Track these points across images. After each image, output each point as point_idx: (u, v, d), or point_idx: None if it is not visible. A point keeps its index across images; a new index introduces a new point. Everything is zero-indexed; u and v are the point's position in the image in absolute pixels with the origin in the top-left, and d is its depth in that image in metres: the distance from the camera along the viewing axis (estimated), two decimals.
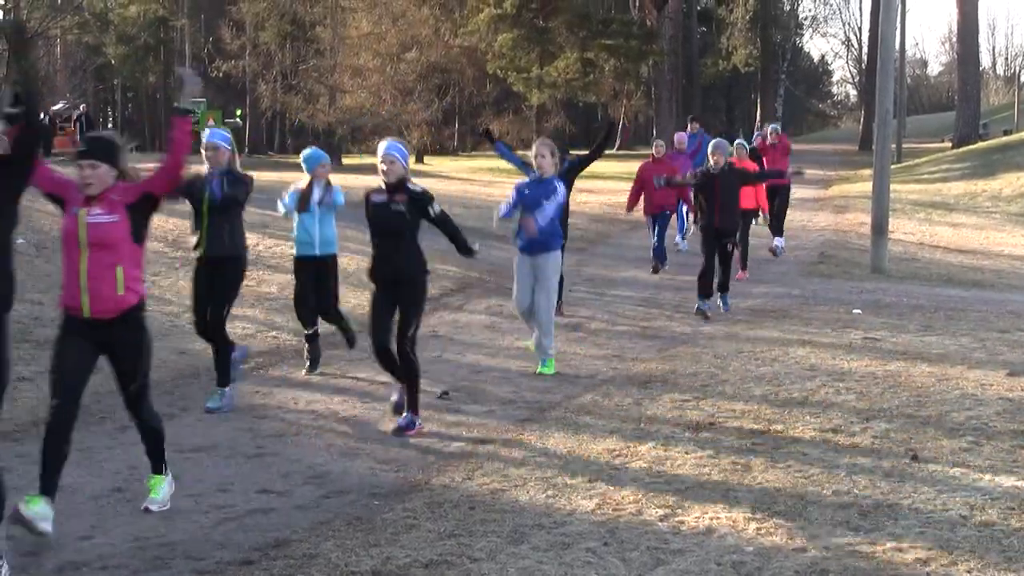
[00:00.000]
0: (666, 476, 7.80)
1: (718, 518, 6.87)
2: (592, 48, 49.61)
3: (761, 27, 71.50)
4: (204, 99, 61.34)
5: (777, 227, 21.53)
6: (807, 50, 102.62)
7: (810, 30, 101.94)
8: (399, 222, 9.17)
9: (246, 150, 57.19)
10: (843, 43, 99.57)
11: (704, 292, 14.85)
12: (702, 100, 78.49)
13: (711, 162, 15.01)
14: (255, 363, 12.11)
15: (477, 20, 49.77)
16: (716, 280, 15.03)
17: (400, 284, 9.27)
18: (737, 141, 19.60)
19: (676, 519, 6.87)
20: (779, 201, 21.19)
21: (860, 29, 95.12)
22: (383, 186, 9.26)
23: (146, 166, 31.67)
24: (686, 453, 8.38)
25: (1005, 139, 46.11)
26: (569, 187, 13.89)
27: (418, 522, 6.88)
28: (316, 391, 10.79)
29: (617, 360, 12.22)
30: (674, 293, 17.08)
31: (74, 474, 8.08)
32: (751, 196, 18.48)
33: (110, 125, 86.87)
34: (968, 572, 5.89)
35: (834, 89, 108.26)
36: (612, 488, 7.56)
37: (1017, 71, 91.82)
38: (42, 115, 47.41)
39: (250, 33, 55.27)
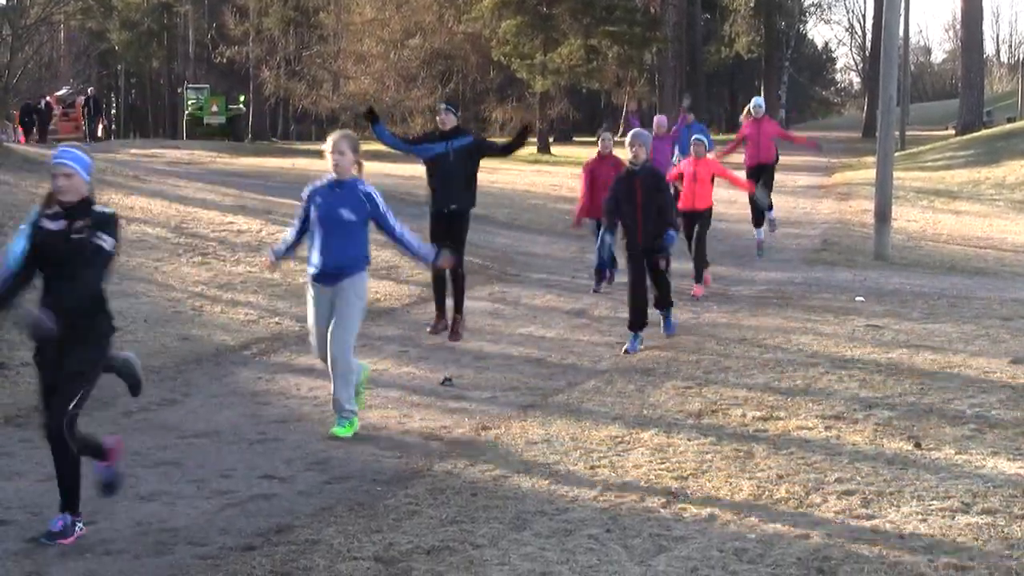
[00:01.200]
0: (668, 463, 7.80)
1: (721, 505, 6.87)
2: (596, 35, 49.50)
3: (765, 14, 71.37)
4: (207, 85, 61.43)
5: (757, 219, 19.94)
6: (811, 37, 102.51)
7: (814, 17, 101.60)
8: (81, 255, 6.61)
9: (249, 136, 57.20)
10: (847, 30, 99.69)
11: (635, 323, 12.06)
12: (706, 87, 78.39)
13: (630, 155, 12.06)
14: (257, 349, 12.13)
15: (481, 6, 49.64)
16: (652, 298, 12.48)
17: (73, 334, 6.55)
18: (695, 136, 16.63)
19: (678, 506, 6.87)
20: (763, 182, 19.47)
21: (864, 16, 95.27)
22: (59, 207, 6.71)
23: (147, 152, 31.57)
24: (688, 440, 8.38)
25: (1009, 126, 46.05)
26: (475, 161, 12.47)
27: (420, 508, 6.89)
28: (319, 377, 10.77)
29: (620, 347, 12.20)
30: (677, 281, 17.01)
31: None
32: (707, 193, 15.98)
33: (113, 111, 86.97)
34: (971, 559, 5.89)
35: (838, 76, 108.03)
36: (614, 475, 7.56)
37: (1021, 58, 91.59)
38: (41, 102, 47.49)
39: (254, 19, 55.29)
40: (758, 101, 20.16)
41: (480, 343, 12.49)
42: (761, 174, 19.60)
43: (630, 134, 12.30)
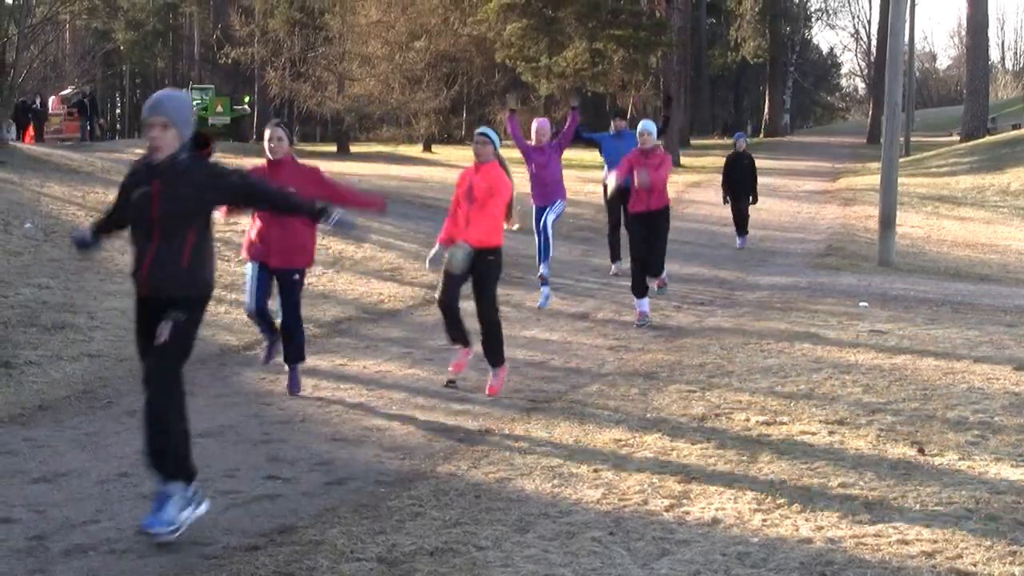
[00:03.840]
0: (672, 466, 7.80)
1: (724, 509, 6.87)
2: (601, 38, 49.45)
3: (770, 19, 71.49)
4: (212, 86, 61.54)
5: (637, 274, 13.91)
6: (816, 42, 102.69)
7: (819, 22, 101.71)
8: None
9: (254, 137, 57.27)
10: (852, 36, 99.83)
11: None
12: (711, 91, 78.55)
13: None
14: (262, 349, 12.12)
15: (486, 9, 49.68)
16: None
17: None
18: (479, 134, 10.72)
19: (682, 509, 6.87)
20: (653, 236, 14.10)
21: (869, 22, 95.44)
22: None
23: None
24: (692, 444, 8.38)
25: (1013, 133, 46.11)
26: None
27: (424, 510, 6.89)
28: (323, 378, 10.80)
29: (623, 350, 12.22)
30: (681, 284, 17.06)
31: (80, 458, 8.11)
32: (492, 224, 10.23)
33: (118, 111, 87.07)
34: (974, 565, 5.89)
35: (842, 82, 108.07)
36: (618, 478, 7.56)
37: None
38: (36, 100, 47.43)
39: (259, 20, 55.34)
40: (647, 126, 14.24)
41: None
42: (648, 229, 14.02)
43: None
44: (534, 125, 16.04)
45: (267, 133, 10.13)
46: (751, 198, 22.81)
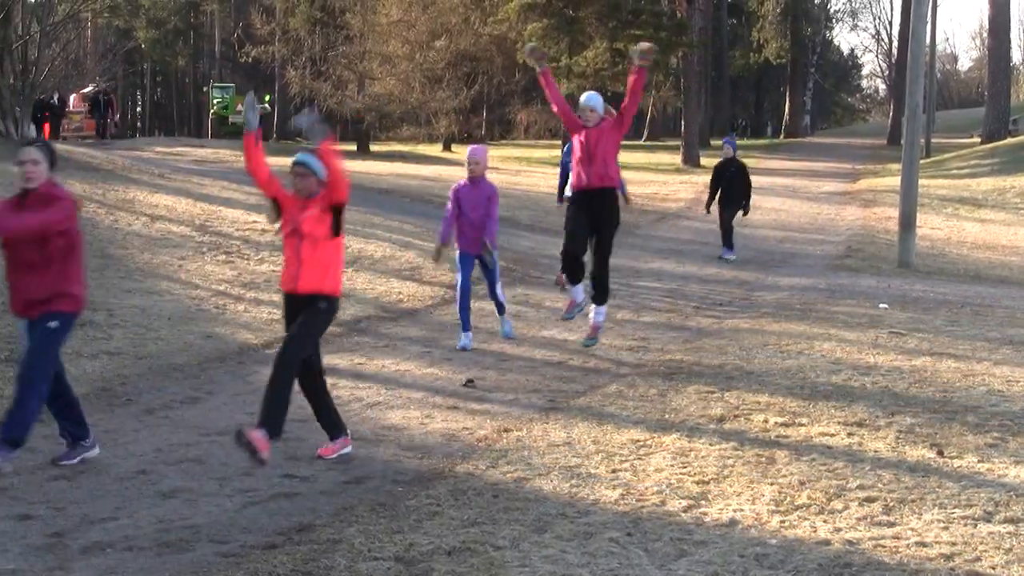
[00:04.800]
0: (690, 467, 7.79)
1: (742, 510, 6.86)
2: (622, 38, 49.31)
3: (792, 20, 71.34)
4: (232, 84, 61.71)
5: (600, 293, 11.80)
6: (837, 43, 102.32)
7: (840, 24, 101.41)
8: None
9: (274, 136, 57.39)
10: (873, 37, 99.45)
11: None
12: (731, 92, 78.39)
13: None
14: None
15: (507, 9, 49.65)
16: None
17: None
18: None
19: (700, 510, 6.86)
20: (599, 247, 11.54)
21: (890, 23, 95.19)
22: None
23: (172, 150, 31.70)
24: (710, 444, 8.37)
25: None
26: None
27: (441, 509, 6.89)
28: (340, 377, 10.80)
29: (642, 351, 12.21)
30: (700, 285, 17.04)
31: (99, 456, 8.13)
32: (323, 268, 8.22)
33: (139, 109, 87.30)
34: (992, 568, 5.87)
35: (863, 83, 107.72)
36: (636, 478, 7.55)
37: None
38: (54, 97, 47.48)
39: (280, 19, 55.43)
40: (591, 99, 11.78)
41: (503, 345, 12.50)
42: (590, 213, 11.28)
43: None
44: (466, 153, 13.02)
45: (20, 155, 7.92)
46: (742, 209, 20.55)
